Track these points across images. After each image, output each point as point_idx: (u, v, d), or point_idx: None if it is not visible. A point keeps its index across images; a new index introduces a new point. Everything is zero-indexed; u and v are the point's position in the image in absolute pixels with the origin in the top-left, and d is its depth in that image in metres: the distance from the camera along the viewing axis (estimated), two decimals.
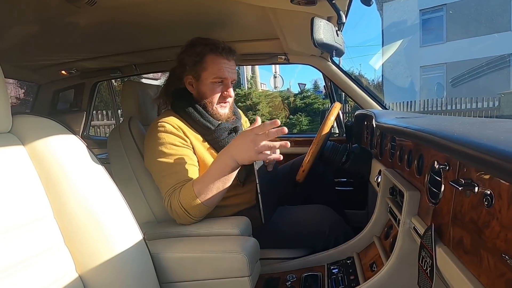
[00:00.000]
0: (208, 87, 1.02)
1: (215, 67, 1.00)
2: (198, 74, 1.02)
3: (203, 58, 1.00)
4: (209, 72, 1.01)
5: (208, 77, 1.01)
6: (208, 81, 1.02)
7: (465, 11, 10.04)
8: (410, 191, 0.69)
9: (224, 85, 1.03)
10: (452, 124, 0.58)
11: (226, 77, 1.02)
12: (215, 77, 1.01)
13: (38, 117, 0.68)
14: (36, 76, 1.83)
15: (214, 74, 1.00)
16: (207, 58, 1.00)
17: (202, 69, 1.01)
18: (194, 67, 1.02)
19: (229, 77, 1.02)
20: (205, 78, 1.02)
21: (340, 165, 1.21)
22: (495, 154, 0.31)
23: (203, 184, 0.89)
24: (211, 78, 1.01)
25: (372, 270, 0.87)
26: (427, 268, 0.55)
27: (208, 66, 1.00)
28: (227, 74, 1.02)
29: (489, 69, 8.60)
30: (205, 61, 1.00)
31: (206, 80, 1.02)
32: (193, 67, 1.02)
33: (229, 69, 1.02)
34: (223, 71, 1.01)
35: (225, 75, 1.01)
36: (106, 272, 0.66)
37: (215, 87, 1.02)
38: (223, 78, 1.01)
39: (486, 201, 0.42)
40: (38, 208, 0.62)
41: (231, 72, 1.03)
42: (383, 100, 1.61)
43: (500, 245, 0.39)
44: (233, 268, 0.79)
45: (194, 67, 1.02)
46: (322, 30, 0.72)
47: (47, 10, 0.98)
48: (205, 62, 1.00)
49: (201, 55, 1.00)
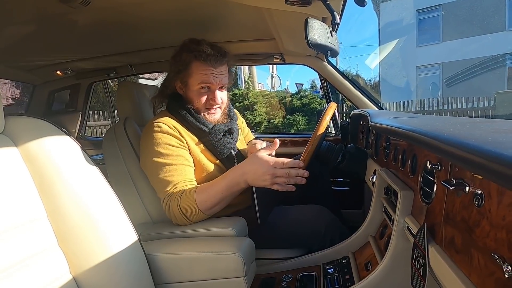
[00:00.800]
0: (195, 94, 1.02)
1: (199, 73, 0.99)
2: (185, 81, 1.02)
3: (188, 65, 1.00)
4: (194, 78, 1.00)
5: (194, 83, 1.00)
6: (194, 87, 1.01)
7: (460, 12, 10.11)
8: (403, 191, 0.70)
9: (211, 92, 1.02)
10: (444, 124, 0.58)
11: (211, 83, 1.00)
12: (200, 83, 1.00)
13: (31, 118, 0.68)
14: (31, 77, 1.81)
15: (199, 80, 0.99)
16: (192, 65, 1.00)
17: (188, 76, 1.01)
18: (180, 74, 1.02)
19: (215, 83, 1.01)
20: (191, 84, 1.01)
21: (336, 165, 1.22)
22: (481, 155, 0.31)
23: (207, 195, 0.89)
24: (196, 85, 1.00)
25: (367, 269, 0.87)
26: (420, 267, 0.56)
27: (193, 72, 1.00)
28: (212, 80, 1.00)
29: (482, 69, 8.67)
30: (190, 67, 1.00)
31: (193, 87, 1.01)
32: (179, 74, 1.02)
33: (216, 75, 1.00)
34: (208, 77, 0.99)
35: (209, 81, 1.00)
36: (100, 274, 0.66)
37: (201, 94, 1.02)
38: (208, 84, 1.00)
39: (477, 200, 0.42)
40: (32, 209, 0.61)
41: (218, 77, 1.01)
42: (380, 100, 1.62)
43: (490, 244, 0.39)
44: (229, 268, 0.79)
45: (180, 74, 1.02)
46: (316, 30, 0.73)
47: (41, 10, 0.97)
48: (190, 69, 1.00)
49: (185, 62, 1.00)
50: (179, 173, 0.94)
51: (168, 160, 0.94)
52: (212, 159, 1.04)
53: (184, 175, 0.94)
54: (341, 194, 1.65)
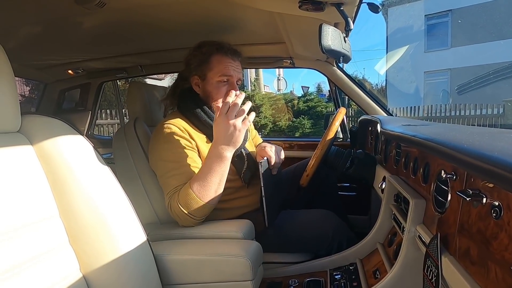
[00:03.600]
0: (214, 86, 1.03)
1: (220, 66, 1.01)
2: (204, 74, 1.04)
3: (209, 58, 1.02)
4: (214, 71, 1.02)
5: (214, 76, 1.02)
6: (214, 80, 1.03)
7: (469, 18, 10.01)
8: (415, 199, 0.69)
9: (230, 84, 1.04)
10: (460, 134, 0.57)
11: (231, 75, 1.02)
12: (220, 75, 1.02)
13: (47, 117, 0.69)
14: (43, 75, 1.84)
15: (219, 72, 1.02)
16: (213, 57, 1.02)
17: (208, 69, 1.02)
18: (199, 66, 1.03)
19: (234, 76, 1.03)
20: (210, 77, 1.03)
21: (344, 170, 1.21)
22: (507, 168, 0.31)
23: (200, 182, 0.89)
24: (216, 77, 1.02)
25: (375, 277, 0.86)
26: (432, 277, 0.55)
27: (214, 66, 1.02)
28: (233, 73, 1.03)
29: (495, 78, 8.53)
30: (211, 60, 1.02)
31: (212, 80, 1.03)
32: (199, 66, 1.03)
33: (235, 68, 1.03)
34: (229, 69, 1.02)
35: (230, 73, 1.02)
36: (109, 273, 0.67)
37: (220, 86, 1.03)
38: (228, 76, 1.02)
39: (494, 212, 0.41)
40: (45, 207, 0.62)
41: (236, 71, 1.04)
42: (387, 105, 1.61)
43: (509, 257, 0.38)
44: (236, 271, 0.79)
45: (199, 66, 1.03)
46: (330, 36, 0.73)
47: (56, 11, 0.99)
48: (211, 61, 1.02)
49: (207, 54, 1.02)
50: (186, 175, 0.94)
51: (176, 162, 0.95)
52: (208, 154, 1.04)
53: (190, 177, 0.94)
54: (348, 200, 1.64)
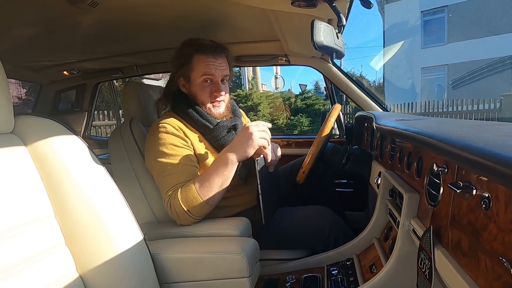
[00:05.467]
0: (198, 87, 1.03)
1: (201, 66, 1.01)
2: (187, 76, 1.04)
3: (190, 59, 1.02)
4: (196, 72, 1.02)
5: (197, 77, 1.02)
6: (197, 81, 1.03)
7: (466, 13, 10.02)
8: (409, 193, 0.70)
9: (214, 84, 1.04)
10: (451, 127, 0.58)
11: (213, 74, 1.02)
12: (202, 75, 1.02)
13: (40, 118, 0.68)
14: (38, 77, 1.83)
15: (201, 73, 1.01)
16: (193, 58, 1.02)
17: (190, 70, 1.03)
18: (182, 68, 1.03)
19: (217, 75, 1.03)
20: (194, 78, 1.03)
21: (340, 167, 1.22)
22: (490, 158, 0.31)
23: (204, 181, 0.90)
24: (199, 78, 1.02)
25: (371, 271, 0.87)
26: (426, 270, 0.56)
27: (195, 66, 1.02)
28: (215, 72, 1.02)
29: (489, 72, 8.56)
30: (192, 61, 1.02)
31: (195, 81, 1.03)
32: (182, 68, 1.03)
33: (217, 67, 1.02)
34: (210, 68, 1.01)
35: (211, 72, 1.02)
36: (106, 272, 0.67)
37: (204, 87, 1.03)
38: (210, 75, 1.02)
39: (484, 203, 0.42)
40: (40, 208, 0.62)
41: (220, 69, 1.03)
42: (384, 102, 1.61)
43: (498, 247, 0.39)
44: (233, 269, 0.79)
45: (182, 68, 1.03)
46: (322, 32, 0.73)
47: (49, 11, 0.98)
48: (192, 62, 1.02)
49: (187, 56, 1.02)
50: (183, 173, 0.94)
51: (172, 161, 0.95)
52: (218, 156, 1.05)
53: (187, 176, 0.95)
54: (345, 196, 1.65)
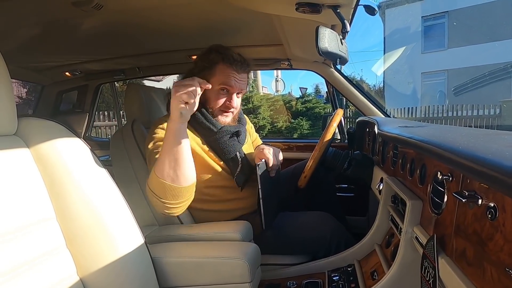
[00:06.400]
0: (213, 94, 1.03)
1: (222, 76, 1.01)
2: (206, 79, 1.02)
3: (214, 66, 1.02)
4: (216, 79, 1.01)
5: (215, 83, 1.01)
6: (214, 88, 1.02)
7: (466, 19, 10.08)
8: (412, 201, 0.69)
9: (229, 94, 1.04)
10: (456, 135, 0.58)
11: (232, 86, 1.02)
12: (221, 84, 1.01)
13: (43, 120, 0.68)
14: (40, 77, 1.84)
15: (220, 81, 1.01)
16: (217, 66, 1.02)
17: (211, 75, 1.02)
18: (203, 71, 1.02)
19: (235, 87, 1.03)
20: (212, 84, 1.02)
21: (342, 172, 1.22)
22: (500, 170, 0.31)
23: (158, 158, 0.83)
24: (217, 85, 1.01)
25: (373, 278, 0.87)
26: (430, 279, 0.55)
27: (217, 74, 1.02)
28: (234, 84, 1.02)
29: (491, 79, 8.59)
30: (215, 68, 1.02)
31: (213, 87, 1.02)
32: (202, 71, 1.02)
33: (237, 80, 1.03)
34: (230, 80, 1.01)
35: (231, 84, 1.02)
36: (107, 276, 0.66)
37: (219, 95, 1.03)
38: (228, 86, 1.02)
39: (490, 213, 0.42)
40: (41, 210, 0.62)
41: (239, 83, 1.03)
42: (384, 106, 1.62)
43: (504, 258, 0.39)
44: (234, 274, 0.78)
45: (203, 71, 1.02)
46: (326, 38, 0.73)
47: (53, 13, 0.99)
48: (214, 69, 1.02)
49: (212, 62, 1.02)
50: None
51: None
52: (217, 160, 1.05)
53: None
54: (346, 201, 1.64)
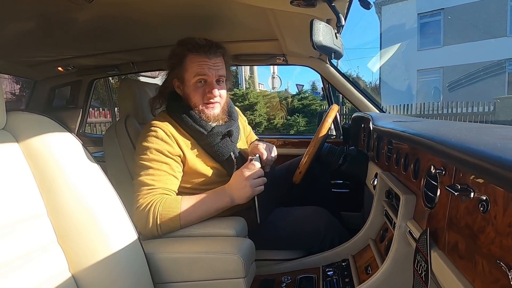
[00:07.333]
0: (191, 89, 1.00)
1: (194, 66, 0.98)
2: (181, 77, 1.01)
3: (183, 59, 0.99)
4: (189, 73, 0.99)
5: (190, 77, 0.99)
6: (191, 82, 1.00)
7: (462, 17, 10.13)
8: (406, 195, 0.70)
9: (208, 85, 1.00)
10: (449, 129, 0.58)
11: (206, 74, 0.99)
12: (195, 76, 0.99)
13: (33, 114, 0.67)
14: (32, 72, 1.81)
15: (194, 73, 0.98)
16: (186, 59, 0.99)
17: (184, 71, 1.00)
18: (176, 69, 1.01)
19: (211, 75, 0.99)
20: (187, 79, 1.00)
21: (337, 167, 1.22)
22: (492, 161, 0.31)
23: (191, 200, 0.90)
24: (192, 79, 0.99)
25: (367, 272, 0.87)
26: (422, 272, 0.56)
27: (188, 67, 0.99)
28: (208, 71, 0.99)
29: (485, 75, 8.68)
30: (185, 62, 0.99)
31: (189, 82, 1.00)
32: (175, 69, 1.01)
33: (211, 66, 0.99)
34: (203, 68, 0.98)
35: (204, 72, 0.98)
36: (99, 272, 0.66)
37: (197, 88, 1.00)
38: (203, 76, 0.99)
39: (482, 206, 0.42)
40: (32, 206, 0.61)
41: (213, 69, 0.99)
42: (380, 103, 1.62)
43: (495, 251, 0.39)
44: (228, 269, 0.78)
45: (176, 69, 1.01)
46: (321, 32, 0.72)
47: (44, 6, 0.96)
48: (184, 63, 0.99)
49: (180, 56, 0.99)
50: (161, 180, 0.91)
51: (154, 165, 0.92)
52: (211, 163, 1.02)
53: (165, 183, 0.92)
54: (341, 196, 1.65)
